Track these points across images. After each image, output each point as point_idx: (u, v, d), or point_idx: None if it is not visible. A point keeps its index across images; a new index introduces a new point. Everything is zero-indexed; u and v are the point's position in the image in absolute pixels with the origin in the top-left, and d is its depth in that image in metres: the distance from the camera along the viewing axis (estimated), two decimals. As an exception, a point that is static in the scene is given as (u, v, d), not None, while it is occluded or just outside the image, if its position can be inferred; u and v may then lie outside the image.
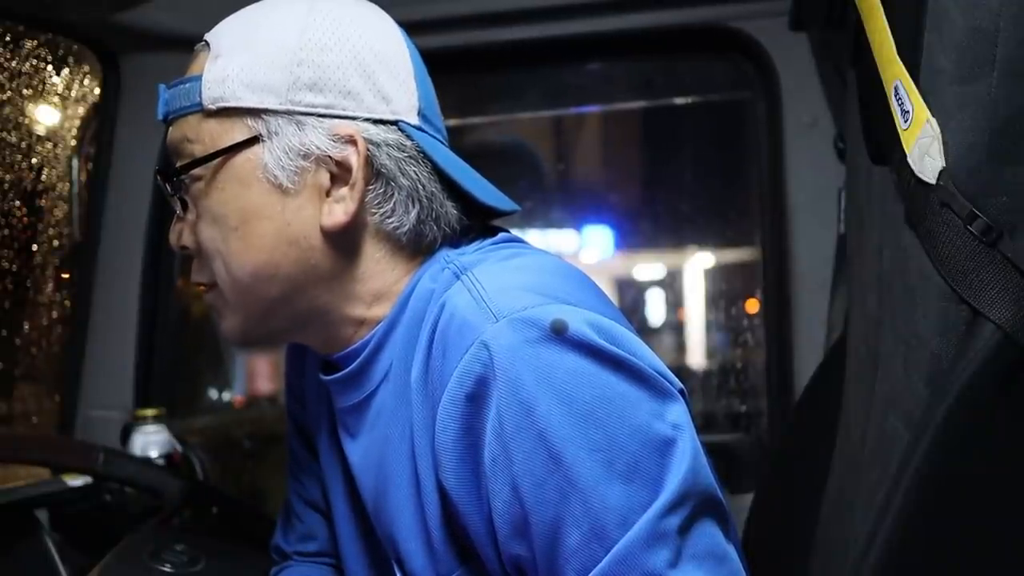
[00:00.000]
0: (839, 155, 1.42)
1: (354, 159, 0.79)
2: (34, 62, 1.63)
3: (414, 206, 0.82)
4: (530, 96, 2.10)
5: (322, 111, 0.79)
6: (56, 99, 1.70)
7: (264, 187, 0.79)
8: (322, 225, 0.80)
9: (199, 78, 0.80)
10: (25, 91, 1.63)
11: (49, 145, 1.69)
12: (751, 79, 1.63)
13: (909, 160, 0.70)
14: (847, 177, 1.19)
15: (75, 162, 1.74)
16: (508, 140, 2.27)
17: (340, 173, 0.80)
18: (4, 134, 1.60)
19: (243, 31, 0.82)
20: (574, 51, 1.72)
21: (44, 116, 1.70)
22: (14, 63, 1.60)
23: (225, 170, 0.80)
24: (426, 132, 0.84)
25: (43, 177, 1.70)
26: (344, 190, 0.80)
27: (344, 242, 0.81)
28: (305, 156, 0.79)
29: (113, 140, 1.64)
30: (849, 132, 1.08)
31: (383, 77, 0.81)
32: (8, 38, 1.58)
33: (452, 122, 2.01)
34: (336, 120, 0.79)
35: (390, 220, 0.81)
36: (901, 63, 0.72)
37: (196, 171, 0.81)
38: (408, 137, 0.82)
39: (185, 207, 0.84)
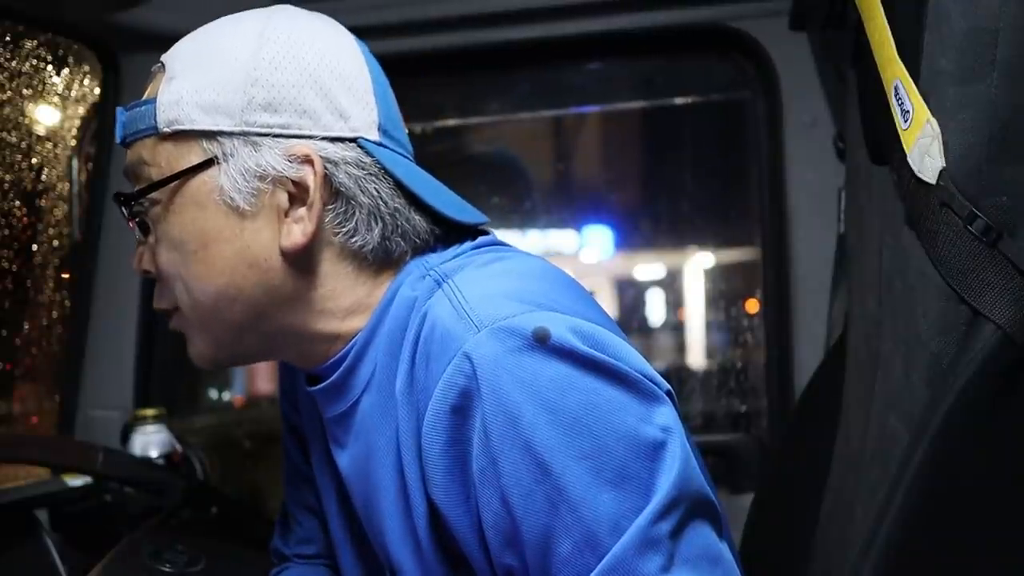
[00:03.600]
0: (839, 155, 1.43)
1: (311, 179, 0.77)
2: (34, 62, 1.63)
3: (377, 224, 0.80)
4: (530, 96, 2.10)
5: (278, 131, 0.78)
6: (56, 99, 1.70)
7: (221, 210, 0.78)
8: (281, 246, 0.78)
9: (154, 101, 0.79)
10: (25, 91, 1.63)
11: (49, 145, 1.69)
12: (751, 79, 1.63)
13: (909, 160, 0.70)
14: (847, 177, 1.19)
15: (75, 162, 1.73)
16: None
17: (298, 193, 0.78)
18: (4, 134, 1.60)
19: (197, 52, 0.80)
20: (574, 51, 1.72)
21: (44, 116, 1.69)
22: (14, 63, 1.60)
23: (182, 194, 0.79)
24: (387, 147, 0.82)
25: (43, 177, 1.69)
26: (302, 211, 0.78)
27: (305, 262, 0.80)
28: (261, 177, 0.77)
29: (113, 140, 1.64)
30: (849, 132, 1.08)
31: (340, 94, 0.79)
32: (8, 38, 1.57)
33: (452, 122, 2.01)
34: (292, 140, 0.78)
35: (353, 239, 0.80)
36: (901, 63, 0.72)
37: (154, 195, 0.80)
38: (368, 154, 0.80)
39: (146, 231, 0.82)
